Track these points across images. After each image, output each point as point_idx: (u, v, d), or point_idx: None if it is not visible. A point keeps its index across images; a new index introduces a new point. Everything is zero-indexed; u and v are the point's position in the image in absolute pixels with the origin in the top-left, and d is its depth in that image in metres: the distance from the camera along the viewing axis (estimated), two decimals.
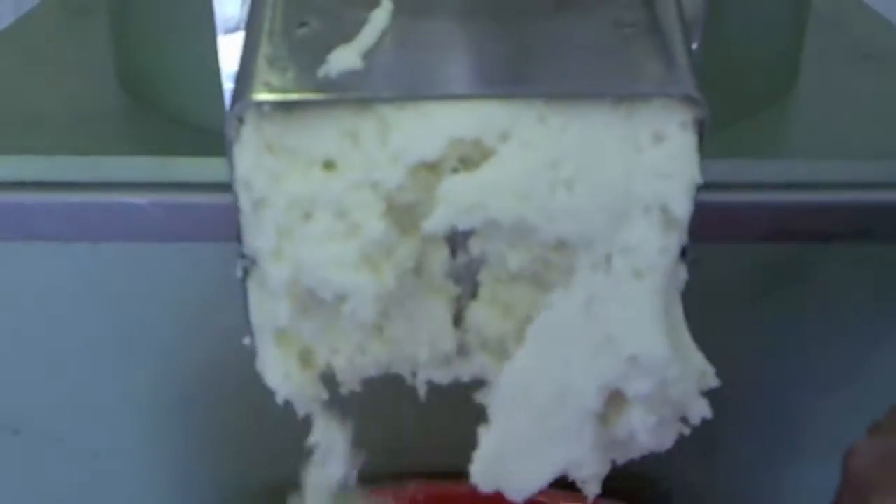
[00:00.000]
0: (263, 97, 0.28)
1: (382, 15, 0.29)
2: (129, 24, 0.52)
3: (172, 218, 0.45)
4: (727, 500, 0.55)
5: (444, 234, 0.30)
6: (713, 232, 0.45)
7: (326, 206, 0.29)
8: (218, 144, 0.31)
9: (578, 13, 0.31)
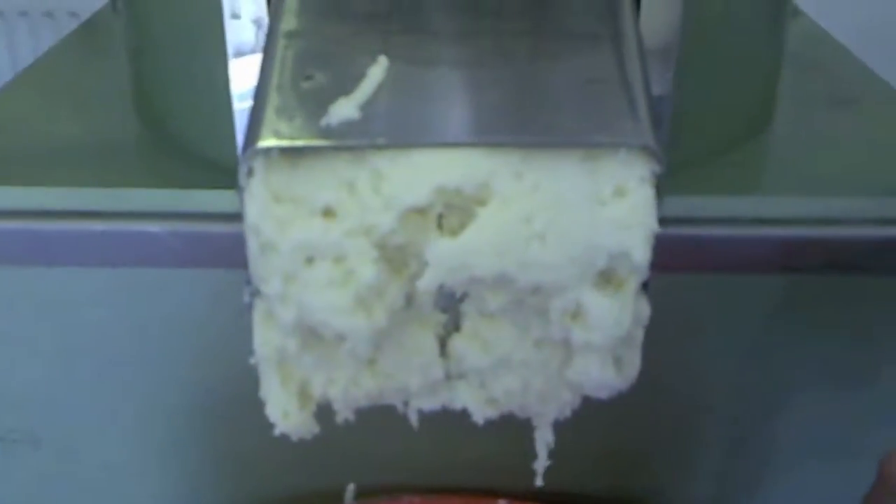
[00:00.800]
0: (271, 143, 0.30)
1: (378, 71, 0.32)
2: (146, 62, 0.53)
3: (187, 245, 0.46)
4: None
5: (434, 290, 0.32)
6: (681, 263, 0.46)
7: (326, 252, 0.31)
8: (229, 177, 0.32)
9: (554, 69, 0.33)
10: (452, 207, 0.31)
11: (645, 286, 0.32)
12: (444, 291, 0.32)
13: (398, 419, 0.36)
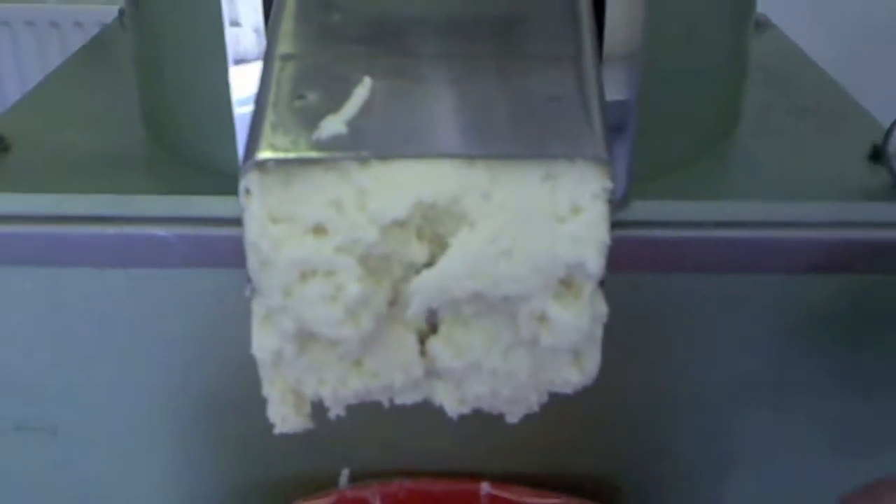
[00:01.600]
0: (268, 155, 0.32)
1: (363, 91, 0.35)
2: (150, 74, 0.53)
3: (192, 247, 0.47)
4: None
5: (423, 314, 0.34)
6: (651, 264, 0.48)
7: (317, 268, 0.32)
8: (230, 184, 0.33)
9: (519, 87, 0.36)
10: (428, 220, 0.33)
11: (601, 285, 0.34)
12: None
13: (388, 410, 0.37)
